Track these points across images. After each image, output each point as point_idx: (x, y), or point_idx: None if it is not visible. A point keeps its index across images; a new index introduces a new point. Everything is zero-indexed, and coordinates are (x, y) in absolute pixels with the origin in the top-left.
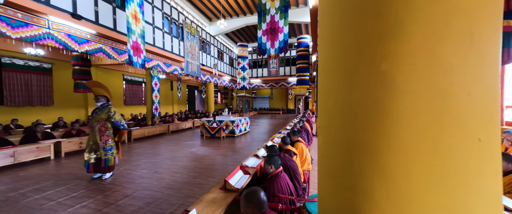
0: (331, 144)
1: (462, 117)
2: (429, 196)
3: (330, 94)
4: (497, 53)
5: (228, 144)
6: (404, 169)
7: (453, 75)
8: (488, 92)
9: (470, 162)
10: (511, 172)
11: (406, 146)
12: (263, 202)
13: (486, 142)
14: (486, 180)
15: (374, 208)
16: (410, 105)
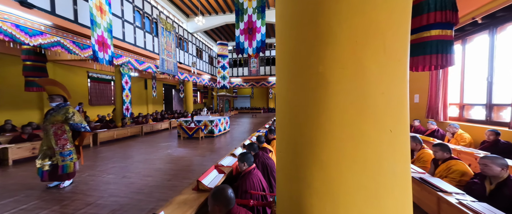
0: (282, 140)
1: (377, 112)
2: (353, 179)
3: (281, 94)
4: (405, 60)
5: (206, 144)
6: (336, 158)
7: (371, 77)
8: (398, 92)
9: (383, 149)
10: (446, 160)
11: (337, 138)
12: (230, 199)
13: (396, 133)
14: (396, 164)
15: (313, 194)
16: (340, 103)
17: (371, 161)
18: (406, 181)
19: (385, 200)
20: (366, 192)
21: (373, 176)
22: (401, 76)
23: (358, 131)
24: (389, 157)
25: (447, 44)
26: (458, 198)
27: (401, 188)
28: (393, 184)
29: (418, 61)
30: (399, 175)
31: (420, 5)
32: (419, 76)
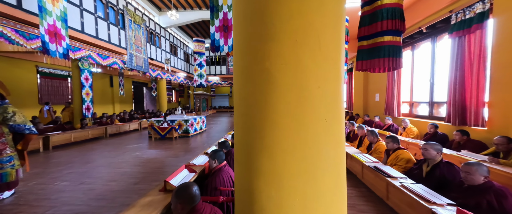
0: (238, 133)
1: (314, 104)
2: (295, 164)
3: (237, 89)
4: (339, 59)
5: (180, 145)
6: (281, 146)
7: (308, 72)
8: (332, 86)
9: (320, 137)
10: (396, 150)
11: (282, 127)
12: (194, 196)
13: (330, 122)
14: (331, 149)
15: (262, 181)
16: (284, 96)
17: (310, 147)
18: (340, 163)
19: (322, 180)
20: (306, 175)
21: (312, 160)
22: (335, 73)
23: (299, 121)
24: (325, 143)
25: (397, 49)
26: (401, 181)
27: (335, 169)
28: (329, 166)
29: (374, 64)
30: (333, 158)
31: (375, 13)
32: (379, 78)
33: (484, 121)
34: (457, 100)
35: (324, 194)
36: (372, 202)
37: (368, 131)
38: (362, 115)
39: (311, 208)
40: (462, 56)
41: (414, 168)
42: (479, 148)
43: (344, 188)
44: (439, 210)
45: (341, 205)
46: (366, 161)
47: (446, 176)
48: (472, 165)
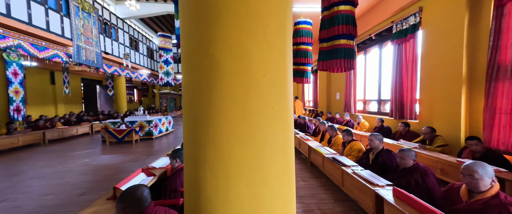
0: (185, 123)
1: (260, 91)
2: (242, 153)
3: (184, 76)
4: (285, 49)
5: (142, 148)
6: (227, 134)
7: (254, 60)
8: (278, 75)
9: (266, 124)
10: (350, 141)
11: (227, 115)
12: (141, 199)
13: (276, 110)
14: (277, 136)
15: (208, 171)
16: (230, 83)
17: (256, 135)
18: (287, 150)
19: (268, 167)
20: (252, 162)
21: (259, 147)
22: (281, 62)
23: (244, 109)
24: (272, 130)
25: (351, 52)
26: (353, 169)
27: (283, 156)
28: (276, 153)
29: (332, 64)
30: (280, 145)
31: (333, 18)
32: (339, 78)
33: (416, 115)
34: (397, 98)
35: (271, 180)
36: (330, 190)
37: (328, 126)
38: (325, 112)
39: (258, 195)
40: (401, 60)
41: (363, 157)
42: (413, 137)
43: (292, 174)
44: (380, 190)
45: (288, 190)
46: (326, 153)
47: (386, 161)
48: (404, 151)
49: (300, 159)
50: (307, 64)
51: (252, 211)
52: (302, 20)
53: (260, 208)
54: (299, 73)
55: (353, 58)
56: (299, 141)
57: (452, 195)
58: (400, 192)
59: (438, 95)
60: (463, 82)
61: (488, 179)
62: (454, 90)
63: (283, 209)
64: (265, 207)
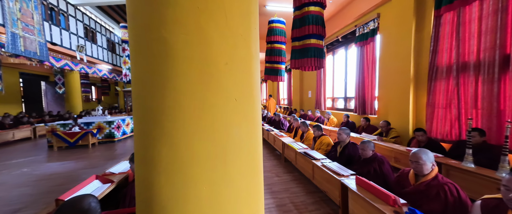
0: (135, 117)
1: (222, 82)
2: (203, 150)
3: (132, 63)
4: (249, 37)
5: (100, 152)
6: (184, 130)
7: (214, 46)
8: (242, 64)
9: (229, 118)
10: (320, 136)
11: (185, 108)
12: (86, 211)
13: (241, 101)
14: (242, 129)
15: (162, 174)
16: (186, 71)
17: (218, 129)
18: (254, 144)
19: (233, 164)
20: (215, 160)
21: (222, 143)
22: (246, 51)
23: (205, 100)
24: (236, 123)
25: (320, 51)
26: (322, 162)
27: (249, 151)
28: (241, 148)
29: (304, 62)
30: (246, 139)
31: (304, 17)
32: (311, 77)
33: (375, 111)
34: (360, 95)
35: (236, 178)
36: (302, 184)
37: (301, 123)
38: (299, 109)
39: (221, 195)
40: (363, 61)
41: (332, 150)
42: (373, 130)
43: (259, 170)
44: (345, 180)
45: (255, 187)
46: (299, 148)
47: (351, 153)
48: (364, 143)
49: (274, 155)
50: (281, 62)
51: (215, 213)
52: (275, 19)
53: (224, 209)
54: (274, 71)
55: (322, 57)
56: (274, 138)
57: (402, 179)
58: (362, 180)
59: (392, 93)
60: (411, 82)
61: (429, 163)
62: (404, 88)
63: (249, 208)
64: (229, 207)
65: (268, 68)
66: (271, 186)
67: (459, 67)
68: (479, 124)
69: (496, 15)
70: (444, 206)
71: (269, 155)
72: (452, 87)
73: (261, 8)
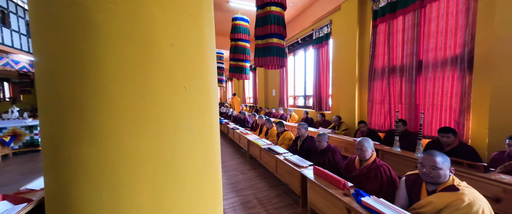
0: (41, 110)
1: (167, 66)
2: (143, 148)
3: (35, 39)
4: (200, 16)
5: (16, 166)
6: (117, 125)
7: (155, 23)
8: (192, 47)
9: (178, 108)
10: (282, 132)
11: (116, 97)
12: None
13: (192, 91)
14: (193, 122)
15: (85, 180)
16: (117, 50)
17: (163, 122)
18: (209, 139)
19: (182, 162)
20: (159, 159)
21: (167, 138)
22: (196, 34)
23: (143, 88)
24: (185, 116)
25: (282, 51)
26: (284, 156)
27: (202, 146)
28: (192, 144)
29: (267, 61)
30: (199, 133)
31: (266, 17)
32: (274, 76)
33: (329, 107)
34: (317, 93)
35: (186, 179)
36: (266, 179)
37: (265, 120)
38: (264, 107)
39: (167, 198)
40: (319, 62)
41: (293, 144)
42: (328, 125)
43: (216, 168)
44: (305, 171)
45: (211, 185)
46: (263, 144)
47: (310, 146)
48: (320, 136)
49: (240, 153)
50: (245, 60)
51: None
52: (239, 17)
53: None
54: (238, 69)
55: (284, 57)
56: (240, 136)
57: (350, 165)
58: (318, 169)
59: (342, 91)
60: (356, 81)
61: (370, 150)
62: (351, 87)
63: (204, 211)
64: (178, 211)
65: (233, 66)
66: (236, 184)
67: (389, 70)
68: (403, 116)
69: (413, 28)
70: (380, 184)
71: (234, 154)
72: (385, 86)
73: (224, 4)
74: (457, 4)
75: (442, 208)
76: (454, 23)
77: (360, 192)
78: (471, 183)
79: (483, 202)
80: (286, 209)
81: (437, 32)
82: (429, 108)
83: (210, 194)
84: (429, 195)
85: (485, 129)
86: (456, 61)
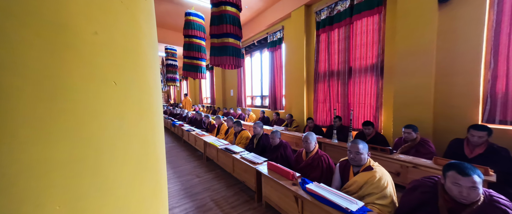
0: None
1: (90, 58)
2: (58, 153)
3: None
4: (131, 2)
5: None
6: (29, 128)
7: (73, 6)
8: (123, 38)
9: (107, 107)
10: (240, 131)
11: (31, 97)
12: None
13: (122, 86)
14: (124, 120)
15: None
16: (16, 33)
17: (86, 123)
18: (147, 139)
19: (113, 167)
20: (80, 165)
21: (91, 140)
22: (129, 23)
23: (58, 82)
24: (117, 114)
25: (238, 51)
26: (241, 154)
27: (140, 148)
28: (127, 146)
29: (223, 60)
30: (133, 133)
31: (221, 16)
32: (232, 76)
33: (283, 106)
34: (272, 94)
35: (116, 186)
36: (223, 179)
37: (223, 120)
38: (222, 108)
39: (89, 212)
40: (274, 64)
41: (250, 143)
42: (281, 123)
43: (159, 173)
44: (259, 167)
45: (153, 196)
46: (220, 145)
47: (265, 143)
48: (273, 133)
49: (196, 156)
50: (201, 59)
51: None
52: (193, 12)
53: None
54: (193, 67)
55: (240, 57)
56: (195, 138)
57: (298, 157)
58: (271, 164)
59: (293, 91)
60: (304, 83)
61: (314, 142)
62: (300, 88)
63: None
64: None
65: (187, 64)
66: (191, 189)
67: (329, 74)
68: (339, 113)
69: (345, 40)
70: (321, 172)
71: (189, 157)
72: (326, 87)
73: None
74: (373, 23)
75: (363, 185)
76: (371, 38)
77: (305, 180)
78: (381, 162)
79: (388, 176)
80: (243, 206)
81: (361, 45)
82: (357, 106)
83: (150, 201)
84: (354, 175)
85: (391, 121)
86: (373, 69)
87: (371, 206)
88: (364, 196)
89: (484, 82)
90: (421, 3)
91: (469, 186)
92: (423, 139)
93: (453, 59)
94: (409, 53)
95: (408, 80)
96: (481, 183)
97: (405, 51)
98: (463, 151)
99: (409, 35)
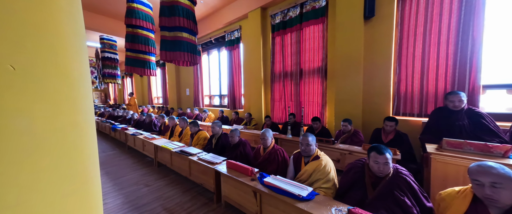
0: None
1: None
2: None
3: None
4: None
5: None
6: None
7: None
8: (23, 8)
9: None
10: (197, 132)
11: None
12: None
13: (27, 73)
14: (35, 123)
15: None
16: None
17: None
18: (61, 142)
19: (11, 178)
20: None
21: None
22: None
23: None
24: (18, 106)
25: (194, 47)
26: (198, 155)
27: (58, 154)
28: (33, 150)
29: (176, 56)
30: (47, 136)
31: (173, 7)
32: (188, 74)
33: (242, 105)
34: (231, 93)
35: (21, 202)
36: (178, 185)
37: (178, 120)
38: (176, 108)
39: None
40: (232, 63)
41: (208, 143)
42: (241, 121)
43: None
44: (218, 166)
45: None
46: (174, 148)
47: (224, 142)
48: (232, 131)
49: (144, 163)
50: (149, 53)
51: None
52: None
53: None
54: (139, 62)
55: (196, 54)
56: (143, 142)
57: (256, 154)
58: (230, 162)
59: (252, 91)
60: (262, 83)
61: (270, 138)
62: (258, 88)
63: None
64: None
65: (131, 58)
66: (137, 200)
67: (284, 74)
68: (293, 110)
69: (296, 44)
70: (277, 165)
71: (135, 165)
72: (281, 87)
73: None
74: (318, 31)
75: (312, 173)
76: (317, 44)
77: (263, 174)
78: (326, 152)
79: (331, 163)
80: (200, 210)
81: (309, 49)
82: (307, 104)
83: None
84: (305, 165)
85: (333, 116)
86: (319, 71)
87: (318, 190)
88: (313, 182)
89: (393, 84)
90: (352, 18)
91: (384, 162)
92: (355, 130)
93: (374, 65)
94: (344, 59)
95: (345, 82)
96: (391, 159)
97: (341, 57)
98: (381, 138)
99: (344, 44)
